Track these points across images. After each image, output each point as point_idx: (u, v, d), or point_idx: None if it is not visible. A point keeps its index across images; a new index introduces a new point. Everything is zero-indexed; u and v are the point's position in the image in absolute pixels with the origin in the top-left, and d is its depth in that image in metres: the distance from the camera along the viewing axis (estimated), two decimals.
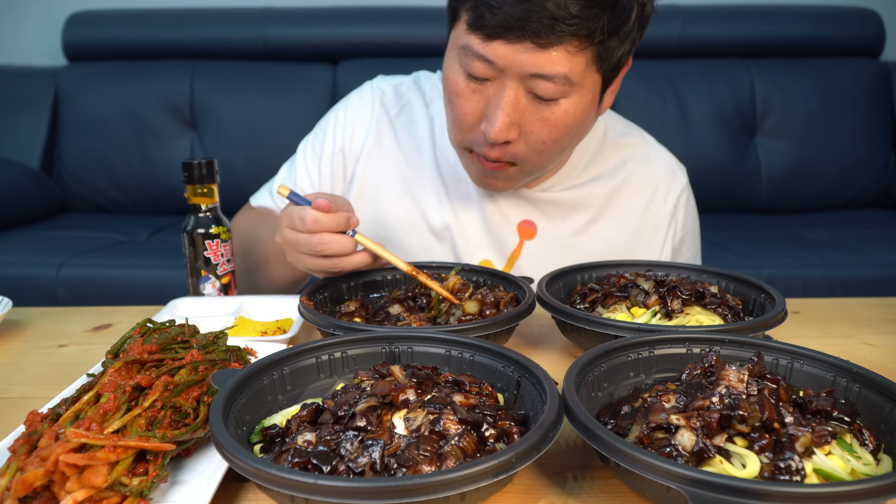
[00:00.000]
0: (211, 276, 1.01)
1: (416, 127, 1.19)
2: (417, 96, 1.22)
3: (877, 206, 2.79)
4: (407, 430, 0.54)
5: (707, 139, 2.67)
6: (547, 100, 0.92)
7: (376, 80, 1.26)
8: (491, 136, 0.93)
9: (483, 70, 0.92)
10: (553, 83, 0.89)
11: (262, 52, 2.78)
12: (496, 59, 0.89)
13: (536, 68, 0.88)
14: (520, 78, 0.90)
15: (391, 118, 1.20)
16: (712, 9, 2.80)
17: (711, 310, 0.84)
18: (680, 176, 1.21)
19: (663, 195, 1.19)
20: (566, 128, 0.95)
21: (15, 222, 2.46)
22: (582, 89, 0.93)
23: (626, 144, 1.21)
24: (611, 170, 1.18)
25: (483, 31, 0.88)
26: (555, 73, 0.88)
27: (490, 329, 0.76)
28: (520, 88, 0.92)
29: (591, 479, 0.59)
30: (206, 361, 0.67)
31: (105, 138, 2.69)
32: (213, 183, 1.01)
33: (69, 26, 2.79)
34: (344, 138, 1.19)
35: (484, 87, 0.94)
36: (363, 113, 1.20)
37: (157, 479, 0.53)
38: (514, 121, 0.93)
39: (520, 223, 1.16)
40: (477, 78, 0.93)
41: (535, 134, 0.95)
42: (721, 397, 0.56)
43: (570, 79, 0.90)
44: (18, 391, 0.78)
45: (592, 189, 1.17)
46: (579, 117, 0.95)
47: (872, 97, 2.74)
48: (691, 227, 1.24)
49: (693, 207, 1.24)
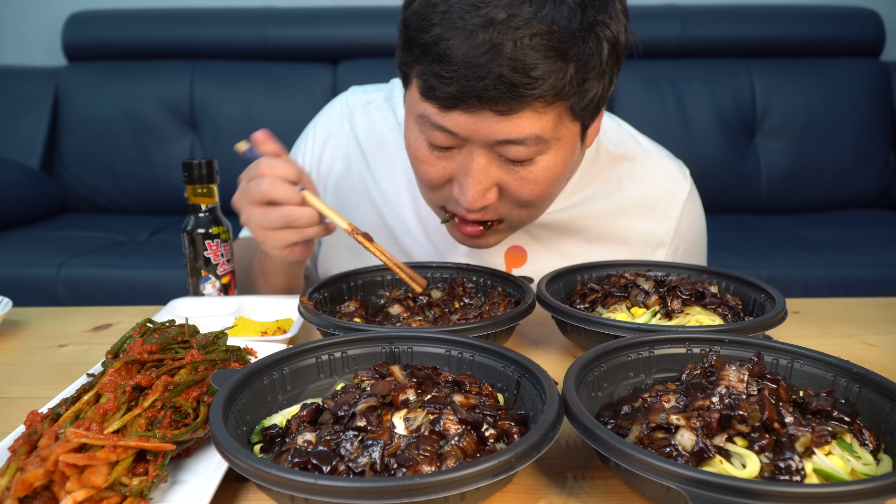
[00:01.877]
0: (211, 276, 1.01)
1: (388, 151, 1.12)
2: (389, 115, 1.14)
3: (877, 206, 2.79)
4: (407, 430, 0.54)
5: (707, 139, 2.67)
6: (522, 161, 0.83)
7: (346, 95, 1.18)
8: (465, 205, 0.85)
9: (445, 140, 0.83)
10: (524, 146, 0.80)
11: (262, 52, 2.79)
12: (457, 129, 0.80)
13: (502, 135, 0.79)
14: (486, 145, 0.81)
15: (360, 142, 1.13)
16: (712, 9, 2.80)
17: (711, 310, 0.84)
18: (682, 184, 1.12)
19: (664, 211, 1.10)
20: (548, 183, 0.86)
21: (15, 222, 2.46)
22: (559, 142, 0.83)
23: (622, 157, 1.10)
24: (604, 188, 1.09)
25: (438, 102, 0.79)
26: (524, 136, 0.79)
27: (490, 329, 0.76)
28: (489, 154, 0.83)
29: (591, 479, 0.59)
30: (206, 361, 0.67)
31: (105, 138, 2.69)
32: (213, 183, 1.01)
33: (69, 26, 2.79)
34: (314, 163, 1.15)
35: (450, 154, 0.85)
36: (332, 135, 1.15)
37: (157, 479, 0.53)
38: (487, 186, 0.84)
39: (507, 250, 1.08)
40: (440, 147, 0.85)
41: (515, 194, 0.86)
42: (721, 397, 0.56)
43: (543, 137, 0.80)
44: (18, 391, 0.78)
45: (585, 209, 1.07)
46: (561, 169, 0.86)
47: (872, 97, 2.74)
48: (696, 235, 1.15)
49: (698, 215, 1.15)
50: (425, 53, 0.78)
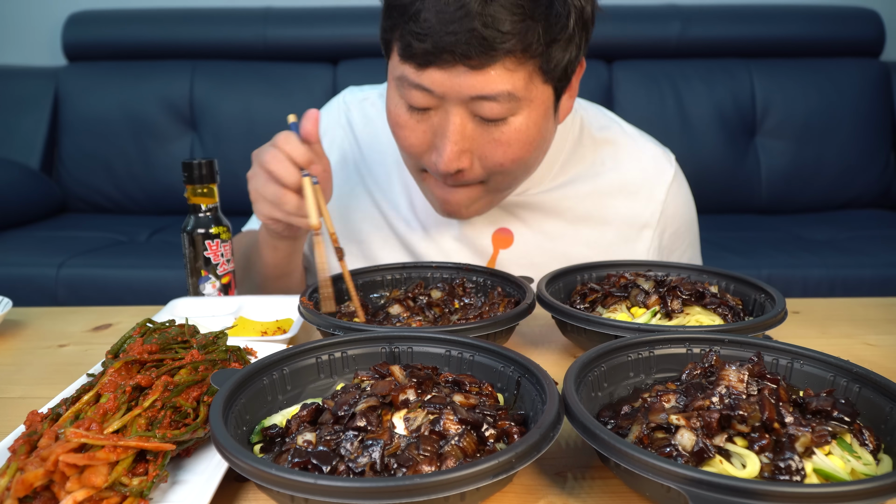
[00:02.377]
0: (211, 276, 1.01)
1: (382, 144, 1.16)
2: (383, 111, 1.15)
3: (877, 206, 2.79)
4: (407, 430, 0.54)
5: (707, 139, 2.67)
6: (495, 120, 0.87)
7: (343, 95, 1.24)
8: (441, 167, 0.89)
9: (422, 99, 0.88)
10: (497, 102, 0.85)
11: (262, 52, 2.78)
12: (433, 86, 0.85)
13: (476, 91, 0.84)
14: (461, 102, 0.86)
15: (356, 134, 1.18)
16: (712, 9, 2.80)
17: (711, 310, 0.84)
18: (667, 168, 1.14)
19: (648, 192, 1.12)
20: (522, 146, 0.90)
21: (15, 222, 2.46)
22: (531, 103, 0.88)
23: (606, 140, 1.14)
24: (589, 169, 1.12)
25: (415, 61, 0.85)
26: (496, 92, 0.84)
27: (490, 329, 0.76)
28: (464, 113, 0.87)
29: (591, 479, 0.59)
30: (206, 361, 0.67)
31: (105, 138, 2.69)
32: (213, 183, 1.01)
33: (69, 26, 2.79)
34: None
35: (427, 116, 0.90)
36: (330, 127, 1.20)
37: (157, 479, 0.53)
38: (463, 148, 0.89)
39: (495, 232, 1.11)
40: (419, 108, 0.89)
41: (490, 157, 0.90)
42: (721, 397, 0.56)
43: (515, 95, 0.85)
44: (18, 391, 0.78)
45: (570, 191, 1.10)
46: (534, 132, 0.90)
47: (872, 97, 2.74)
48: (684, 219, 1.16)
49: (685, 199, 1.17)
50: (402, 14, 0.84)
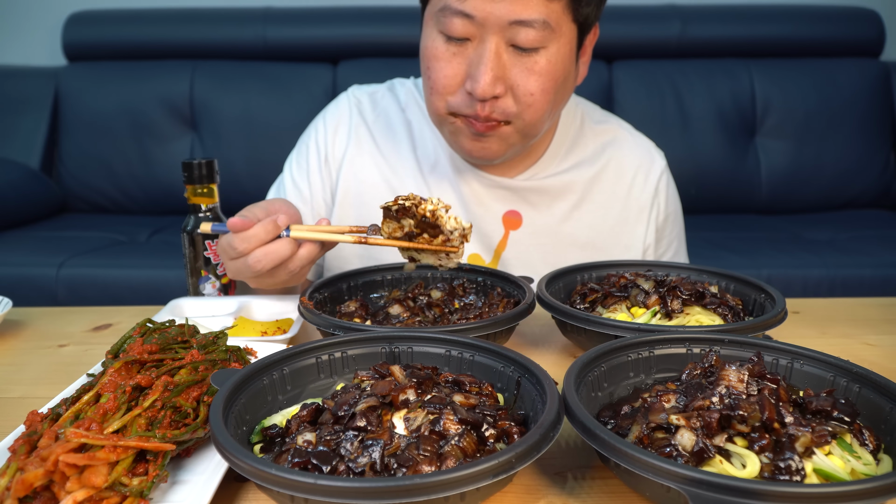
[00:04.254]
0: (211, 276, 1.01)
1: (395, 131, 1.20)
2: (393, 102, 1.23)
3: (877, 206, 2.79)
4: (407, 430, 0.54)
5: (707, 139, 2.67)
6: (528, 50, 0.95)
7: (351, 89, 1.27)
8: (478, 92, 0.94)
9: (462, 27, 0.94)
10: (533, 29, 0.93)
11: (262, 52, 2.78)
12: (474, 11, 0.92)
13: (515, 14, 0.92)
14: (500, 30, 0.93)
15: (369, 125, 1.21)
16: (712, 9, 2.80)
17: (711, 310, 0.84)
18: (658, 159, 1.24)
19: (643, 178, 1.21)
20: (551, 77, 0.98)
21: (15, 222, 2.46)
22: (561, 38, 0.96)
23: (604, 132, 1.23)
24: (591, 156, 1.21)
25: None
26: (533, 17, 0.92)
27: (490, 329, 0.76)
28: (500, 42, 0.94)
29: (591, 479, 0.59)
30: (206, 361, 0.67)
31: (105, 138, 2.69)
32: (213, 183, 1.01)
33: (69, 26, 2.79)
34: (327, 147, 1.20)
35: (464, 47, 0.97)
36: (342, 121, 1.22)
37: (157, 479, 0.53)
38: (498, 75, 0.95)
39: (504, 214, 1.17)
40: (457, 39, 0.96)
41: (522, 86, 0.97)
42: (721, 397, 0.56)
43: (549, 23, 0.93)
44: (18, 391, 0.78)
45: (574, 175, 1.18)
46: (561, 68, 0.98)
47: (872, 97, 2.74)
48: (673, 208, 1.26)
49: (674, 190, 1.27)
50: None
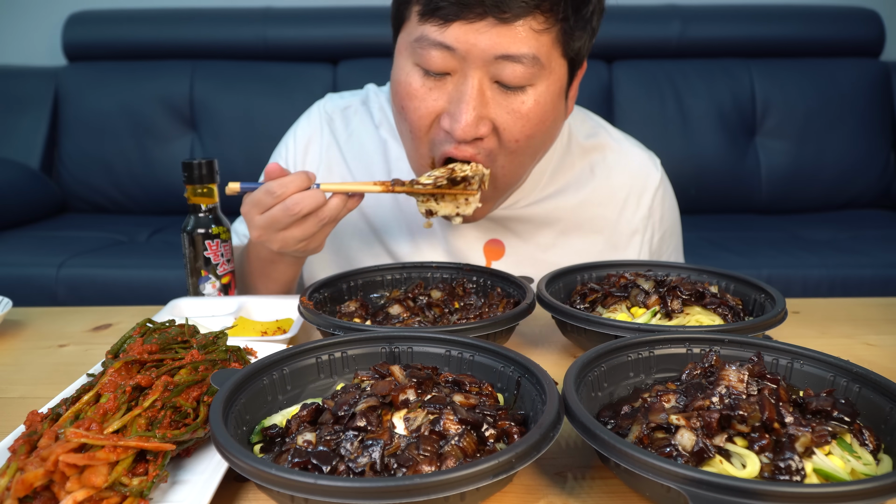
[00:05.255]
0: (211, 276, 1.01)
1: (368, 153, 1.14)
2: (366, 119, 1.16)
3: (877, 206, 2.79)
4: (407, 430, 0.54)
5: (707, 139, 2.67)
6: (514, 88, 0.85)
7: (324, 102, 1.21)
8: (458, 133, 0.85)
9: (441, 61, 0.84)
10: (521, 65, 0.83)
11: (262, 52, 2.78)
12: (456, 43, 0.82)
13: (502, 48, 0.82)
14: (483, 64, 0.84)
15: (340, 145, 1.16)
16: (712, 9, 2.80)
17: (711, 310, 0.84)
18: (653, 174, 1.14)
19: (636, 200, 1.13)
20: (538, 121, 0.88)
21: (15, 222, 2.46)
22: (550, 75, 0.87)
23: (593, 148, 1.13)
24: (577, 179, 1.11)
25: (439, 16, 0.82)
26: (521, 52, 0.82)
27: (490, 329, 0.76)
28: (484, 78, 0.85)
29: (591, 479, 0.59)
30: (206, 361, 0.67)
31: (105, 138, 2.69)
32: (213, 183, 1.01)
33: (69, 26, 2.79)
34: (298, 167, 1.16)
35: (443, 82, 0.87)
36: (313, 139, 1.17)
37: (157, 479, 0.53)
38: (481, 114, 0.85)
39: (486, 243, 1.10)
40: (434, 74, 0.86)
41: (508, 130, 0.88)
42: (721, 397, 0.56)
43: (539, 59, 0.84)
44: (18, 391, 0.78)
45: (559, 201, 1.10)
46: (550, 109, 0.89)
47: (872, 97, 2.74)
48: (669, 224, 1.18)
49: (671, 203, 1.18)
50: None
